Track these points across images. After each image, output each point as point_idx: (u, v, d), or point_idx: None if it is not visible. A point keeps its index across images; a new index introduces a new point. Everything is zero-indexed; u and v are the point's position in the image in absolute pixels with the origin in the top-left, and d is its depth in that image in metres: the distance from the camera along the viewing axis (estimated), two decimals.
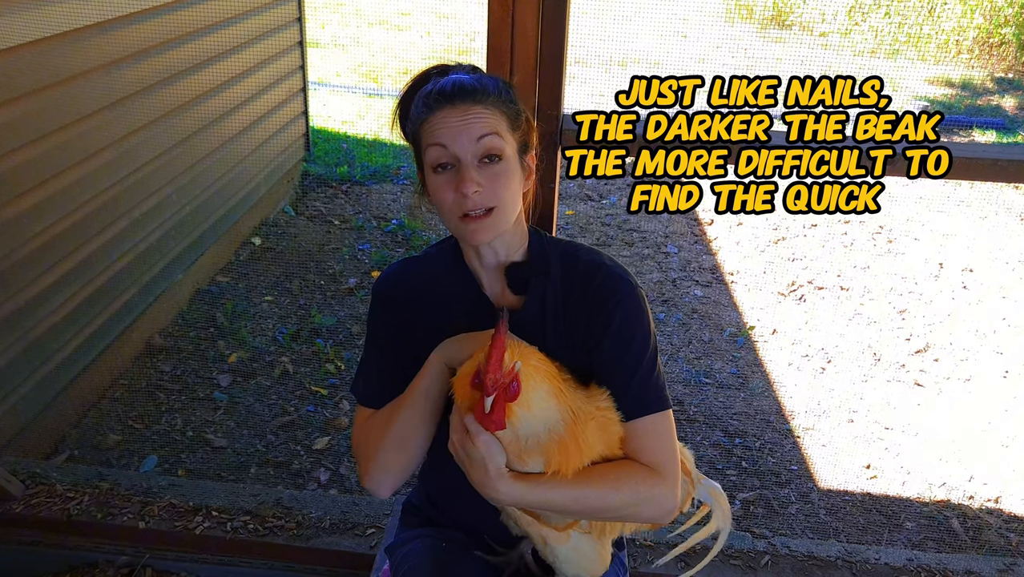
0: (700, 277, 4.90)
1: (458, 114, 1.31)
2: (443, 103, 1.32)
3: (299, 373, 3.73)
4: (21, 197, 2.88)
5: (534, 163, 1.46)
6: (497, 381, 1.20)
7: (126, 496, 2.41)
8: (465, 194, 1.31)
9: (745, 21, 10.85)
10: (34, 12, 2.83)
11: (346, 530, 2.31)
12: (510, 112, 1.37)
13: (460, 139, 1.31)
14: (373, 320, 1.54)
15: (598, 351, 1.39)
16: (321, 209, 5.44)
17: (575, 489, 1.30)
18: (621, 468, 1.35)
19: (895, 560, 2.29)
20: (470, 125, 1.31)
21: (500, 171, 1.33)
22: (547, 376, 1.27)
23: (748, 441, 3.46)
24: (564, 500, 1.30)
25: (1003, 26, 9.52)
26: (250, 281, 4.50)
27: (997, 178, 1.87)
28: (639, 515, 1.39)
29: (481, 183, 1.32)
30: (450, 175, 1.33)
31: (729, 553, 2.27)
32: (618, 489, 1.33)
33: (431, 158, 1.34)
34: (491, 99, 1.34)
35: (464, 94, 1.32)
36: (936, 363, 4.13)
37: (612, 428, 1.35)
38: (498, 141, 1.33)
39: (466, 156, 1.32)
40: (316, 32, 9.58)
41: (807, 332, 4.37)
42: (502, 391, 1.22)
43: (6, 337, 2.88)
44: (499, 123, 1.34)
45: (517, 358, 1.24)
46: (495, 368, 1.19)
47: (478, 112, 1.32)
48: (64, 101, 3.07)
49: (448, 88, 1.32)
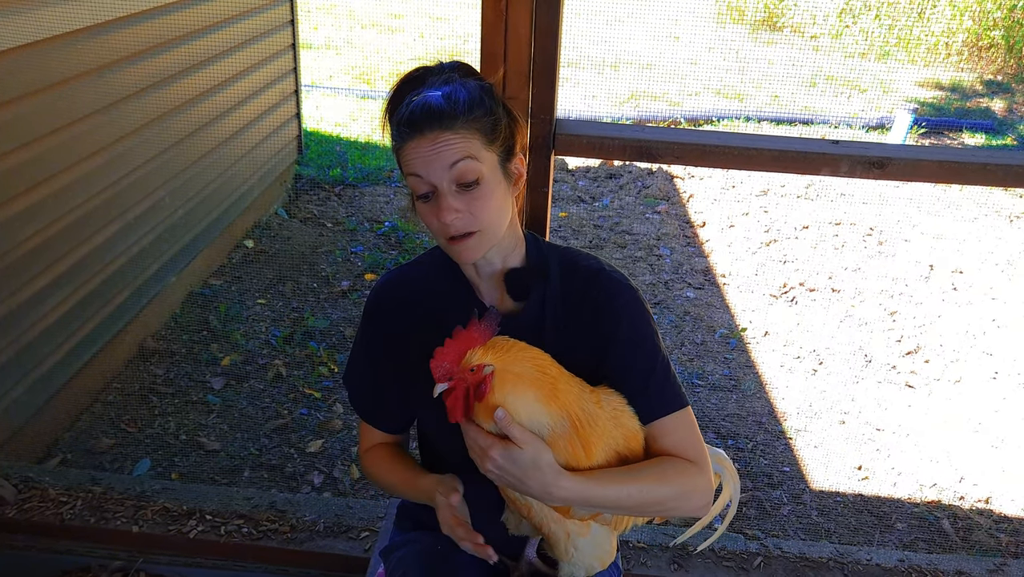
0: (692, 279, 4.92)
1: (427, 143, 1.28)
2: (412, 133, 1.29)
3: (292, 376, 3.73)
4: (13, 200, 2.87)
5: (523, 165, 1.43)
6: (450, 371, 1.21)
7: (119, 500, 2.40)
8: (445, 222, 1.31)
9: (737, 23, 10.90)
10: (27, 15, 2.83)
11: (340, 533, 2.31)
12: (484, 126, 1.32)
13: (433, 168, 1.29)
14: (368, 332, 1.53)
15: (610, 358, 1.39)
16: (314, 211, 5.43)
17: (628, 484, 1.30)
18: (663, 462, 1.36)
19: (886, 561, 2.31)
20: (441, 153, 1.28)
21: (478, 194, 1.31)
22: (533, 383, 1.25)
23: (740, 442, 3.48)
24: (619, 495, 1.29)
25: (992, 29, 9.58)
26: (243, 284, 4.50)
27: (986, 182, 1.89)
28: (683, 507, 1.39)
29: (460, 208, 1.31)
30: (432, 202, 1.32)
31: (722, 554, 2.28)
32: (664, 482, 1.34)
33: (411, 186, 1.34)
34: (459, 121, 1.29)
35: (432, 121, 1.28)
36: (927, 364, 4.16)
37: (627, 423, 1.35)
38: (472, 165, 1.30)
39: (442, 184, 1.30)
40: (309, 34, 9.58)
41: (799, 334, 4.39)
42: (462, 385, 1.22)
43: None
44: (471, 144, 1.30)
45: (504, 361, 1.23)
46: (449, 356, 1.21)
47: (448, 139, 1.28)
48: (57, 104, 3.06)
49: (416, 115, 1.28)
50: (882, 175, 1.84)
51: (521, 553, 1.56)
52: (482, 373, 1.22)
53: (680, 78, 9.01)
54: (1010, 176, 1.86)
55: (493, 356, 1.23)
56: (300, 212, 5.41)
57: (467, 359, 1.22)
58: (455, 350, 1.22)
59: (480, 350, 1.23)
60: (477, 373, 1.22)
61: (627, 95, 8.49)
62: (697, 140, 1.88)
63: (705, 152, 1.86)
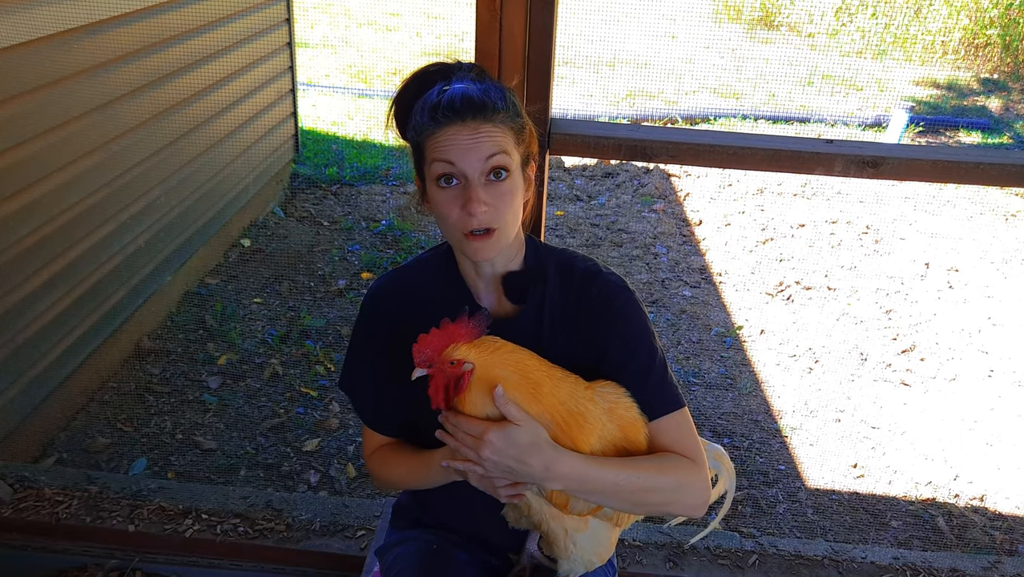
0: (689, 278, 4.92)
1: (468, 131, 1.28)
2: (452, 119, 1.28)
3: (289, 375, 3.73)
4: (9, 199, 2.87)
5: (533, 173, 1.43)
6: (431, 359, 1.23)
7: (115, 499, 2.40)
8: (472, 213, 1.29)
9: (733, 22, 10.90)
10: (22, 14, 2.83)
11: (336, 532, 2.31)
12: (516, 127, 1.33)
13: (469, 158, 1.28)
14: (364, 333, 1.53)
15: (608, 359, 1.39)
16: (310, 210, 5.43)
17: (625, 469, 1.30)
18: (661, 455, 1.37)
19: (881, 558, 2.32)
20: (480, 144, 1.28)
21: (506, 189, 1.31)
22: (512, 386, 1.26)
23: (736, 441, 3.49)
24: (617, 479, 1.30)
25: (988, 27, 9.60)
26: (239, 283, 4.50)
27: (980, 181, 1.90)
28: (680, 502, 1.39)
29: (488, 202, 1.30)
30: (456, 191, 1.30)
31: (717, 552, 2.29)
32: (663, 472, 1.34)
33: (436, 172, 1.31)
34: (500, 115, 1.29)
35: (475, 110, 1.28)
36: (922, 363, 4.17)
37: (624, 413, 1.36)
38: (506, 159, 1.30)
39: (474, 175, 1.29)
40: (305, 33, 9.57)
41: (795, 332, 4.40)
42: (441, 376, 1.24)
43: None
44: (507, 140, 1.31)
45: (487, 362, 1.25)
46: (431, 344, 1.23)
47: (488, 130, 1.28)
48: (53, 103, 3.06)
49: (457, 103, 1.27)
50: (876, 174, 1.84)
51: (523, 547, 1.57)
52: (461, 368, 1.24)
53: (677, 76, 9.01)
54: (1003, 175, 1.86)
55: (476, 354, 1.24)
56: (296, 211, 5.41)
57: (448, 352, 1.23)
58: (438, 339, 1.23)
59: (465, 346, 1.24)
60: (456, 367, 1.24)
61: (624, 93, 8.50)
62: (692, 140, 1.89)
63: (700, 151, 1.87)
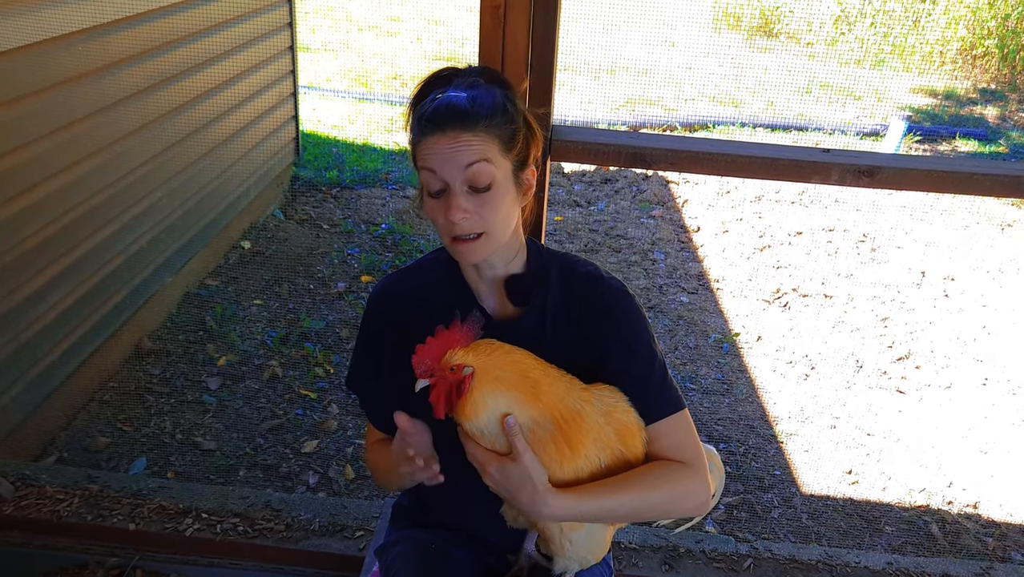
0: (686, 284, 4.95)
1: (447, 141, 1.30)
2: (433, 129, 1.31)
3: (288, 376, 3.75)
4: (12, 200, 2.89)
5: (534, 176, 1.44)
6: (431, 368, 1.25)
7: (116, 498, 2.42)
8: (452, 220, 1.32)
9: (733, 30, 10.95)
10: (27, 16, 2.85)
11: (335, 532, 2.33)
12: (504, 134, 1.34)
13: (448, 166, 1.31)
14: (368, 334, 1.56)
15: (608, 363, 1.42)
16: (311, 213, 5.45)
17: (618, 495, 1.33)
18: (656, 468, 1.39)
19: (875, 563, 2.34)
20: (458, 153, 1.30)
21: (488, 199, 1.33)
22: (513, 385, 1.28)
23: (732, 446, 3.51)
24: (611, 505, 1.34)
25: (986, 38, 9.66)
26: (239, 285, 4.51)
27: (975, 191, 1.92)
28: (679, 510, 1.42)
29: (469, 209, 1.32)
30: (442, 200, 1.34)
31: (712, 556, 2.31)
32: (658, 488, 1.37)
33: (423, 180, 1.35)
34: (482, 124, 1.31)
35: (455, 120, 1.30)
36: (917, 370, 4.19)
37: (621, 417, 1.38)
38: (487, 168, 1.32)
39: (454, 183, 1.31)
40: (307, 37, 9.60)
41: (791, 339, 4.42)
42: (443, 383, 1.26)
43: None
44: (489, 148, 1.32)
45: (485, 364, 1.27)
46: (430, 354, 1.25)
47: (467, 140, 1.30)
48: (57, 105, 3.08)
49: (440, 112, 1.30)
50: (872, 183, 1.87)
51: (521, 547, 1.59)
52: (461, 373, 1.26)
53: (676, 84, 9.05)
54: (997, 186, 1.89)
55: (474, 358, 1.27)
56: (297, 214, 5.43)
57: (447, 358, 1.26)
58: (436, 348, 1.26)
59: (462, 351, 1.27)
60: (457, 373, 1.26)
61: (623, 100, 8.53)
62: (690, 147, 1.91)
63: (698, 159, 1.89)
